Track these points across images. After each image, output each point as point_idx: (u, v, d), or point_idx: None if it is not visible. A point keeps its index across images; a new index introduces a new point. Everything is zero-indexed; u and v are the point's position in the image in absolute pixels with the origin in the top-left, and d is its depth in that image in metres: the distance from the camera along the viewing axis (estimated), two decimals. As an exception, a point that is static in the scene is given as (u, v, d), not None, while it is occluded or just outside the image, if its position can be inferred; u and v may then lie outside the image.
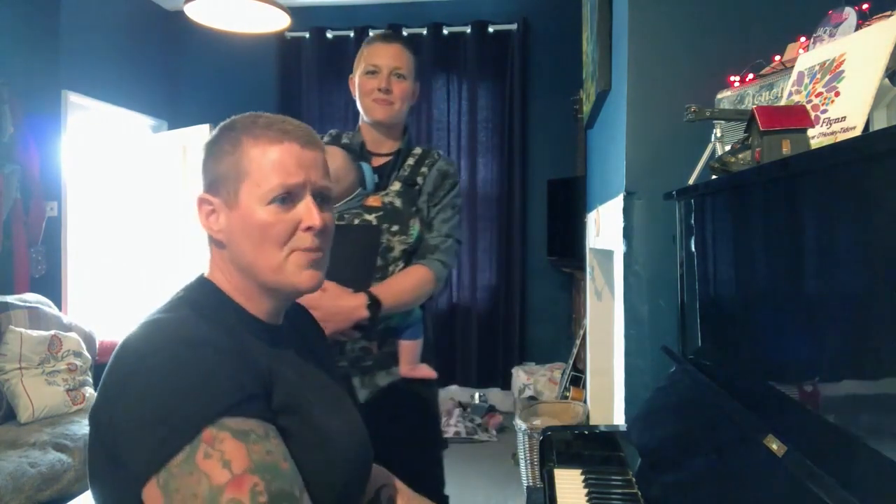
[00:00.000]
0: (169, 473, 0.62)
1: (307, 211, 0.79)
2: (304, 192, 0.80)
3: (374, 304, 1.29)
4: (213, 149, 0.82)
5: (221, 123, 0.84)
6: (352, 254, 1.36)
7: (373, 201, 1.40)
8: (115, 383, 0.68)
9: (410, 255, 1.44)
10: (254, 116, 0.82)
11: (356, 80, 1.47)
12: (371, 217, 1.39)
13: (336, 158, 1.36)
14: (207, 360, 0.68)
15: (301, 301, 1.27)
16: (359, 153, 1.44)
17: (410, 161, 1.48)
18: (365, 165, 1.42)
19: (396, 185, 1.44)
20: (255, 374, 0.71)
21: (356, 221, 1.38)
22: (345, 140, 1.50)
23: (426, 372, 1.45)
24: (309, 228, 0.79)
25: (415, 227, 1.42)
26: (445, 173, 1.49)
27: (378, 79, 1.42)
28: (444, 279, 1.45)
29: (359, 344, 1.38)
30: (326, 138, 1.50)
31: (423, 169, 1.47)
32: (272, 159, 0.78)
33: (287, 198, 0.78)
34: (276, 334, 0.84)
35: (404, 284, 1.38)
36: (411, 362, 1.44)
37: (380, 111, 1.43)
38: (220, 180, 0.80)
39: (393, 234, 1.39)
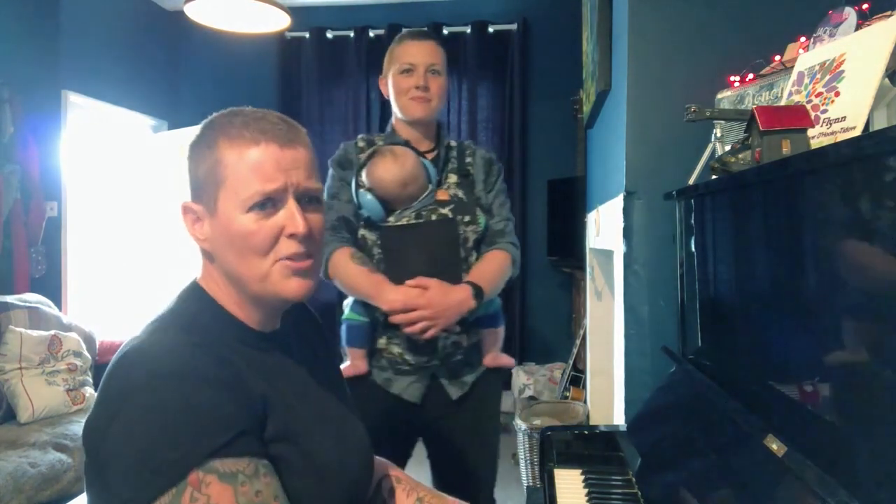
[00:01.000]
0: None
1: (289, 217, 0.75)
2: (286, 197, 0.76)
3: (478, 293, 1.33)
4: (193, 150, 0.78)
5: (204, 121, 0.80)
6: (439, 248, 1.38)
7: (442, 195, 1.41)
8: (106, 413, 0.66)
9: (479, 243, 1.46)
10: (231, 114, 0.78)
11: (389, 80, 1.46)
12: (446, 210, 1.40)
13: (409, 158, 1.38)
14: (195, 397, 0.65)
15: (409, 303, 1.29)
16: None
17: (454, 153, 1.50)
18: (426, 162, 1.43)
19: (453, 178, 1.46)
20: (247, 405, 0.69)
21: (433, 217, 1.39)
22: (379, 142, 1.49)
23: (507, 360, 1.50)
24: (293, 235, 0.75)
25: (480, 215, 1.44)
26: (490, 160, 1.52)
27: (415, 77, 1.41)
28: (518, 260, 1.49)
29: (450, 339, 1.39)
30: (361, 143, 1.49)
31: (469, 158, 1.49)
32: (249, 164, 0.74)
33: (267, 203, 0.74)
34: (272, 342, 0.82)
35: (493, 270, 1.41)
36: (495, 351, 1.47)
37: (418, 109, 1.42)
38: (201, 186, 0.77)
39: (466, 224, 1.40)
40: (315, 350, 0.93)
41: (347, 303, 1.47)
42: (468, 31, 4.04)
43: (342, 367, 1.31)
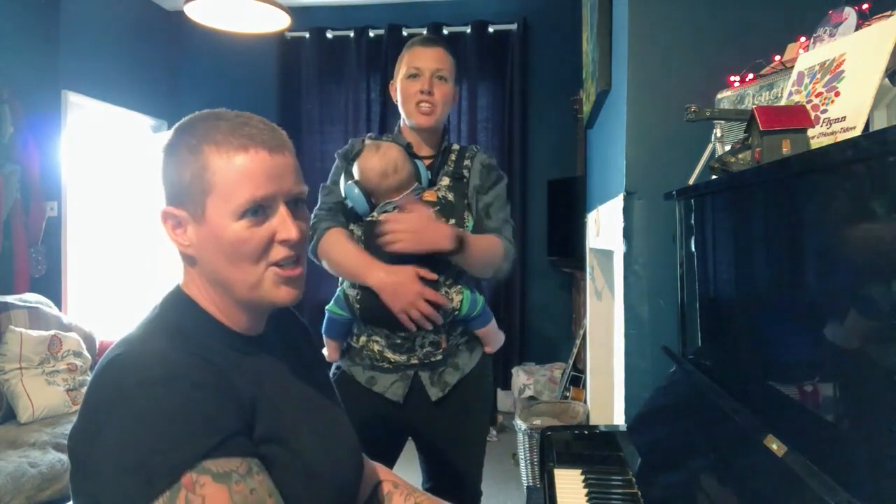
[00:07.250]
0: None
1: (282, 223, 0.75)
2: (277, 203, 0.75)
3: (461, 242, 1.31)
4: (171, 154, 0.76)
5: (178, 124, 0.77)
6: None
7: (428, 196, 1.43)
8: (92, 421, 0.66)
9: None
10: (214, 119, 0.76)
11: (397, 84, 1.49)
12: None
13: (392, 150, 1.40)
14: (185, 400, 0.65)
15: (391, 217, 1.29)
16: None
17: (453, 156, 1.52)
18: (418, 162, 1.45)
19: (445, 181, 1.47)
20: (235, 407, 0.69)
21: None
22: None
23: (501, 338, 1.58)
24: (285, 241, 0.75)
25: (469, 219, 1.46)
26: (490, 166, 1.52)
27: (420, 81, 1.44)
28: (510, 258, 1.48)
29: (429, 338, 1.41)
30: (367, 141, 1.50)
31: (467, 162, 1.51)
32: (239, 171, 0.72)
33: (259, 210, 0.74)
34: (258, 345, 0.82)
35: (482, 241, 1.40)
36: (494, 343, 1.54)
37: (422, 118, 1.45)
38: (184, 192, 0.75)
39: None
40: (301, 354, 0.93)
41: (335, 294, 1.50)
42: (468, 31, 4.04)
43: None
